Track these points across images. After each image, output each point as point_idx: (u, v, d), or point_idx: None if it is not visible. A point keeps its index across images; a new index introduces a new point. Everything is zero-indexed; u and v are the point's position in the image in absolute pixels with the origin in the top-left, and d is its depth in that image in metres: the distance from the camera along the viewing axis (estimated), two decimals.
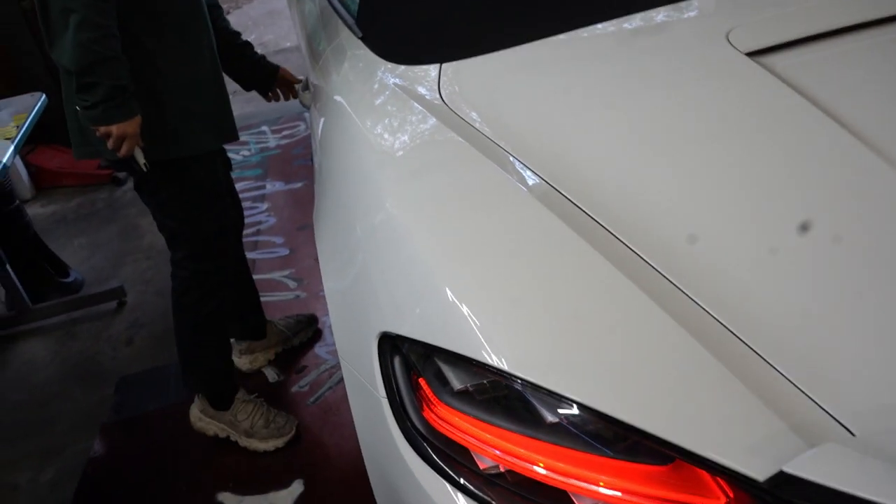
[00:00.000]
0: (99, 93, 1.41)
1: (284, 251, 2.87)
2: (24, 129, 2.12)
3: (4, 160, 1.93)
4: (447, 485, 0.87)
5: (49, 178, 3.71)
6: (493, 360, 0.84)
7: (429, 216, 1.04)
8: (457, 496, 0.86)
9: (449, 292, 0.92)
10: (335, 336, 1.14)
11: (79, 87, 1.43)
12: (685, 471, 0.76)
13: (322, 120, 1.66)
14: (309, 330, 2.37)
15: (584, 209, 0.97)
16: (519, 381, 0.82)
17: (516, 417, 0.84)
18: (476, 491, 0.85)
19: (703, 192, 0.97)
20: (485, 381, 0.86)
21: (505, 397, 0.85)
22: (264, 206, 3.23)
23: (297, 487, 1.87)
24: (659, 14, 1.27)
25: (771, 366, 0.78)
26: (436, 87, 1.29)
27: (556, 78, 1.23)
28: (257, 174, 3.51)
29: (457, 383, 0.88)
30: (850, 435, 0.73)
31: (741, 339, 0.80)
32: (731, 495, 0.73)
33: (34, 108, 2.26)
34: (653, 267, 0.88)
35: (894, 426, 0.72)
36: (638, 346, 0.81)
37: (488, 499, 0.83)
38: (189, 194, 1.72)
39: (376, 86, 1.42)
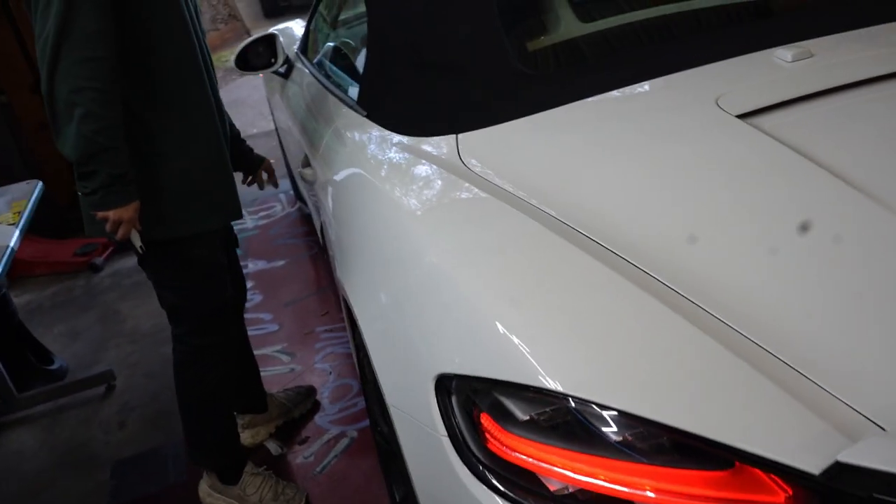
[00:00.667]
0: (97, 180, 1.48)
1: (274, 327, 2.90)
2: (25, 215, 2.16)
3: (11, 244, 1.95)
4: None
5: (21, 267, 3.67)
6: (551, 384, 0.92)
7: (471, 259, 1.15)
8: None
9: (500, 326, 1.01)
10: (383, 386, 1.21)
11: (79, 175, 1.50)
12: (745, 474, 0.84)
13: (334, 192, 1.76)
14: (308, 402, 2.39)
15: (613, 250, 1.08)
16: (581, 401, 0.90)
17: (581, 438, 0.91)
18: None
19: (714, 231, 1.10)
20: (548, 409, 0.94)
21: (567, 422, 0.93)
22: (249, 284, 3.26)
23: None
24: (655, 84, 1.43)
25: (807, 378, 0.88)
26: (455, 153, 1.41)
27: (566, 140, 1.37)
28: (238, 254, 3.55)
29: (521, 414, 0.96)
30: (882, 430, 0.83)
31: (778, 357, 0.91)
32: (790, 492, 0.81)
33: (32, 194, 2.30)
34: (685, 296, 0.99)
35: None
36: (690, 364, 0.91)
37: None
38: (189, 271, 1.76)
39: (394, 156, 1.53)
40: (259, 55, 2.74)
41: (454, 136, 1.45)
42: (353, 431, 2.26)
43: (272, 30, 3.14)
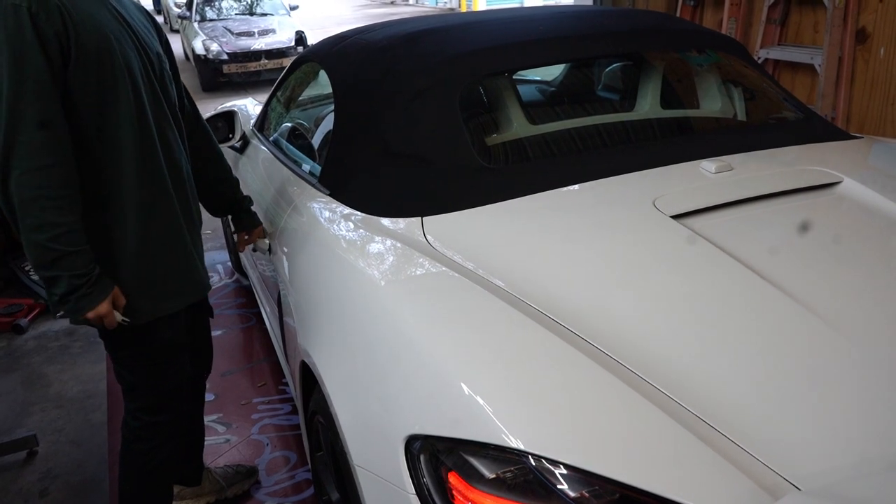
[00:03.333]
0: (62, 286, 1.48)
1: (210, 396, 2.87)
2: None
3: None
4: None
5: None
6: (513, 443, 1.03)
7: (437, 327, 1.27)
8: None
9: (465, 388, 1.12)
10: (350, 448, 1.28)
11: (44, 281, 1.49)
12: None
13: (296, 263, 1.85)
14: (246, 483, 2.33)
15: (566, 325, 1.22)
16: (539, 458, 1.01)
17: (541, 495, 1.01)
18: None
19: (656, 311, 1.26)
20: (511, 468, 1.04)
21: (528, 480, 1.03)
22: None
23: None
24: (600, 184, 1.61)
25: (737, 444, 1.03)
26: (421, 233, 1.54)
27: (521, 227, 1.53)
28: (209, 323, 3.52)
29: (487, 472, 1.05)
30: (797, 489, 0.97)
31: (712, 425, 1.05)
32: None
33: None
34: (629, 368, 1.13)
35: (831, 482, 0.97)
36: (637, 428, 1.03)
37: None
38: (150, 353, 1.74)
39: (361, 233, 1.65)
40: (217, 129, 2.84)
41: (419, 218, 1.59)
42: None
43: (231, 106, 3.26)
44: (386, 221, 1.63)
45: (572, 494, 1.00)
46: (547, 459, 1.01)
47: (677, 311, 1.26)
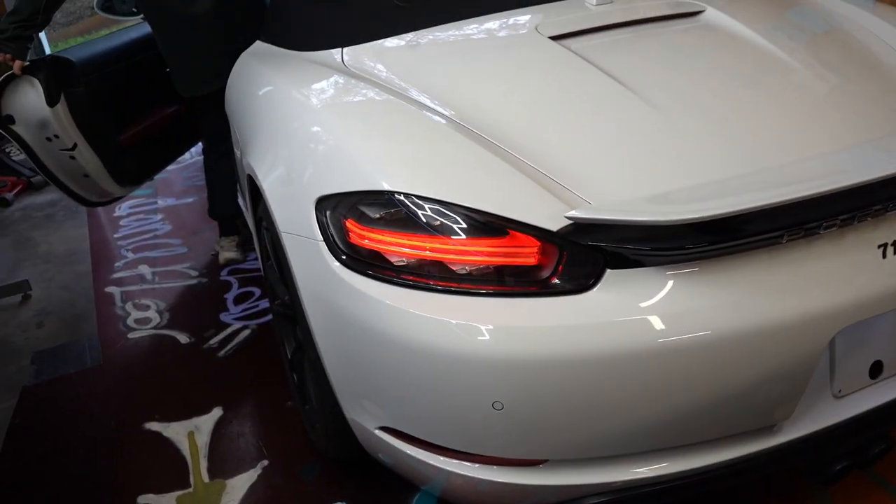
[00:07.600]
0: None
1: (182, 249, 3.20)
2: None
3: None
4: (375, 282, 1.34)
5: None
6: (387, 187, 1.35)
7: (337, 120, 1.59)
8: (384, 286, 1.33)
9: (356, 158, 1.44)
10: (277, 219, 1.60)
11: None
12: (515, 238, 1.28)
13: (244, 102, 2.13)
14: None
15: (445, 112, 1.52)
16: (413, 196, 1.33)
17: (411, 226, 1.33)
18: (396, 278, 1.33)
19: (513, 102, 1.56)
20: (391, 209, 1.36)
21: (402, 217, 1.35)
22: (158, 217, 3.54)
23: (216, 412, 2.21)
24: (494, 16, 1.89)
25: (553, 179, 1.34)
26: (340, 60, 1.82)
27: (422, 51, 1.81)
28: (148, 193, 3.81)
29: (372, 214, 1.37)
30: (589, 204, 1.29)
31: (536, 167, 1.36)
32: (539, 244, 1.26)
33: None
34: (483, 136, 1.45)
35: (622, 198, 1.29)
36: (484, 171, 1.36)
37: (404, 280, 1.32)
38: None
39: (291, 63, 1.93)
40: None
41: (340, 49, 1.86)
42: (253, 326, 2.62)
43: None
44: (310, 53, 1.91)
45: (434, 222, 1.32)
46: (415, 196, 1.33)
47: (535, 100, 1.55)
